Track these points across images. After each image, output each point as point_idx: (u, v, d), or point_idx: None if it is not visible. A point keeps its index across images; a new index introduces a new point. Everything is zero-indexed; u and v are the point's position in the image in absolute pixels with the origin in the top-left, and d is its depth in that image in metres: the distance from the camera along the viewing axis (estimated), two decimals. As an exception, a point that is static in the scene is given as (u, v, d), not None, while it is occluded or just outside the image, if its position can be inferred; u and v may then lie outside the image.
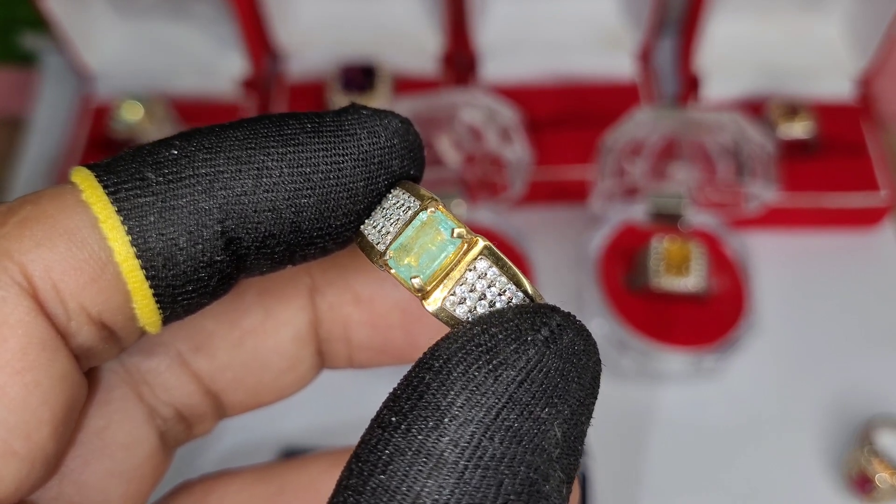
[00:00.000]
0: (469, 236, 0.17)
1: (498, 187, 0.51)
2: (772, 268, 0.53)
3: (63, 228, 0.16)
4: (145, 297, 0.16)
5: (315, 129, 0.17)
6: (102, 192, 0.16)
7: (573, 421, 0.15)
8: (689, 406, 0.49)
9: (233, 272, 0.17)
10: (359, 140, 0.17)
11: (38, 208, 0.16)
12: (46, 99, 0.62)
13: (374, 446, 0.15)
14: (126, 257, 0.16)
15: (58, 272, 0.15)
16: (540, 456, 0.14)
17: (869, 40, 0.54)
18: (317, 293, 0.21)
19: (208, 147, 0.16)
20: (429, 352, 0.15)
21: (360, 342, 0.21)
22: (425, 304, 0.17)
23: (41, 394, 0.15)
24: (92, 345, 0.17)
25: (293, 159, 0.17)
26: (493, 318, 0.16)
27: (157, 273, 0.16)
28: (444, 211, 0.17)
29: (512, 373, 0.15)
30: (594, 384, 0.16)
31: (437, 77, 0.58)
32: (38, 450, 0.16)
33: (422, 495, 0.14)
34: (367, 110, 0.18)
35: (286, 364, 0.21)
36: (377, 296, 0.21)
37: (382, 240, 0.17)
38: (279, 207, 0.17)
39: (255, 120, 0.17)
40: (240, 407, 0.22)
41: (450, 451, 0.14)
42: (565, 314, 0.16)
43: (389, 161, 0.18)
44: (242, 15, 0.54)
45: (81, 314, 0.16)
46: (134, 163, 0.16)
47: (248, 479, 0.22)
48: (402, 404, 0.15)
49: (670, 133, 0.49)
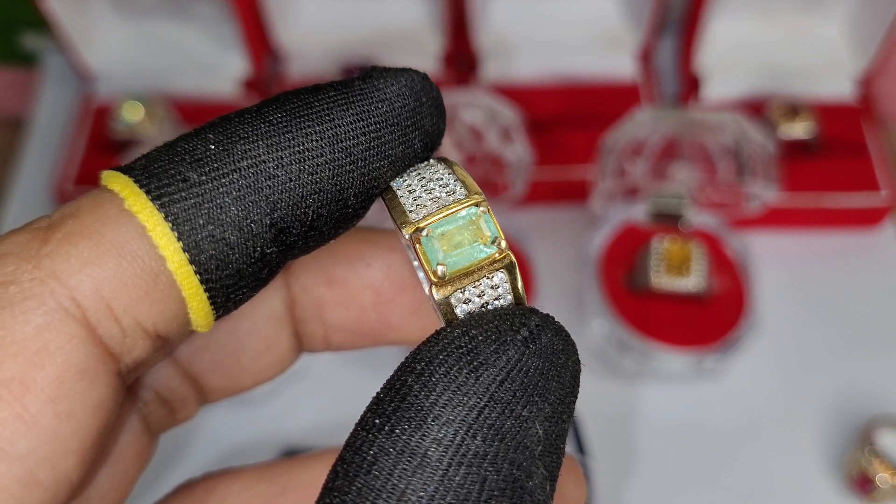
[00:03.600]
0: (504, 250, 0.17)
1: (499, 187, 0.51)
2: (772, 268, 0.53)
3: (110, 243, 0.15)
4: (201, 302, 0.16)
5: (346, 99, 0.17)
6: (146, 199, 0.15)
7: (554, 419, 0.15)
8: (689, 406, 0.49)
9: (282, 260, 0.17)
10: (391, 104, 0.17)
11: (80, 222, 0.15)
12: (47, 99, 0.62)
13: (358, 448, 0.15)
14: (180, 265, 0.15)
15: (109, 290, 0.15)
16: (522, 453, 0.15)
17: (870, 40, 0.54)
18: (290, 275, 0.21)
19: (244, 137, 0.16)
20: (411, 356, 0.15)
21: (334, 323, 0.21)
22: (435, 290, 0.17)
23: (73, 423, 0.15)
24: (147, 357, 0.16)
25: (333, 136, 0.16)
26: (473, 321, 0.16)
27: (212, 276, 0.16)
28: (492, 214, 0.17)
29: (492, 372, 0.15)
30: (574, 383, 0.16)
31: (438, 77, 0.58)
32: (64, 479, 0.15)
33: (406, 493, 0.14)
34: (389, 71, 0.17)
35: (263, 345, 0.21)
36: (350, 276, 0.21)
37: (416, 209, 0.17)
38: (325, 188, 0.16)
39: (283, 100, 0.17)
40: (220, 391, 0.21)
41: (433, 450, 0.14)
42: (543, 315, 0.16)
43: (421, 120, 0.17)
44: (243, 15, 0.54)
45: (137, 329, 0.15)
46: (172, 163, 0.15)
47: (250, 478, 0.22)
48: (385, 406, 0.15)
49: (671, 133, 0.49)
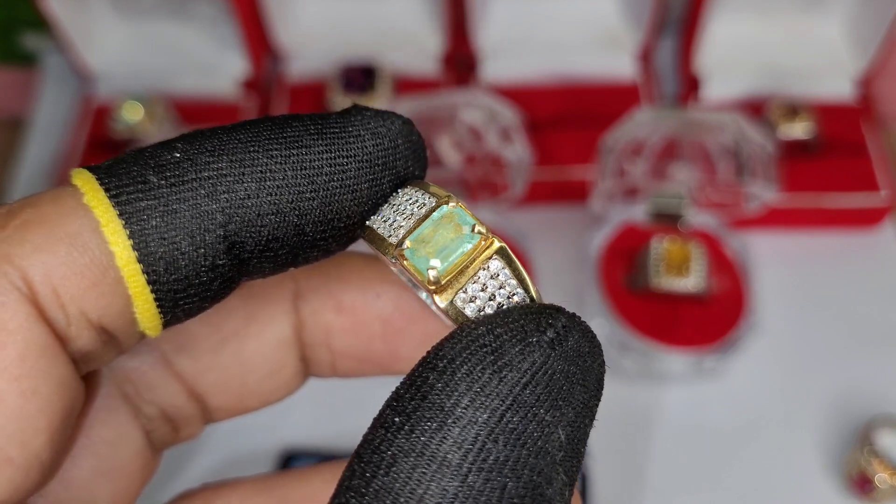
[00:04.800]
0: (488, 235, 0.17)
1: (498, 187, 0.51)
2: (772, 268, 0.53)
3: (64, 232, 0.15)
4: (146, 302, 0.16)
5: (318, 130, 0.17)
6: (104, 196, 0.16)
7: (577, 423, 0.15)
8: (689, 406, 0.49)
9: (235, 276, 0.17)
10: (363, 141, 0.17)
11: (38, 211, 0.16)
12: (47, 99, 0.62)
13: (377, 447, 0.14)
14: (127, 262, 0.16)
15: (58, 277, 0.15)
16: (543, 459, 0.14)
17: (869, 41, 0.54)
18: (300, 299, 0.21)
19: (211, 150, 0.16)
20: (433, 351, 0.15)
21: (341, 350, 0.21)
22: (437, 298, 0.17)
23: (39, 401, 0.15)
24: (92, 349, 0.16)
25: (297, 161, 0.16)
26: (497, 319, 0.15)
27: (159, 278, 0.16)
28: (464, 207, 0.17)
29: (516, 375, 0.14)
30: (598, 386, 0.16)
31: (438, 77, 0.58)
32: (34, 457, 0.15)
33: (425, 498, 0.14)
34: (369, 111, 0.18)
35: (269, 368, 0.21)
36: (359, 305, 0.21)
37: (394, 232, 0.17)
38: (283, 210, 0.16)
39: (258, 122, 0.17)
40: (225, 411, 0.21)
41: (453, 454, 0.14)
42: (570, 315, 0.16)
43: (394, 162, 0.18)
44: (243, 15, 0.54)
45: (81, 319, 0.16)
46: (136, 165, 0.16)
47: (248, 490, 0.22)
48: (405, 404, 0.15)
49: (671, 133, 0.49)
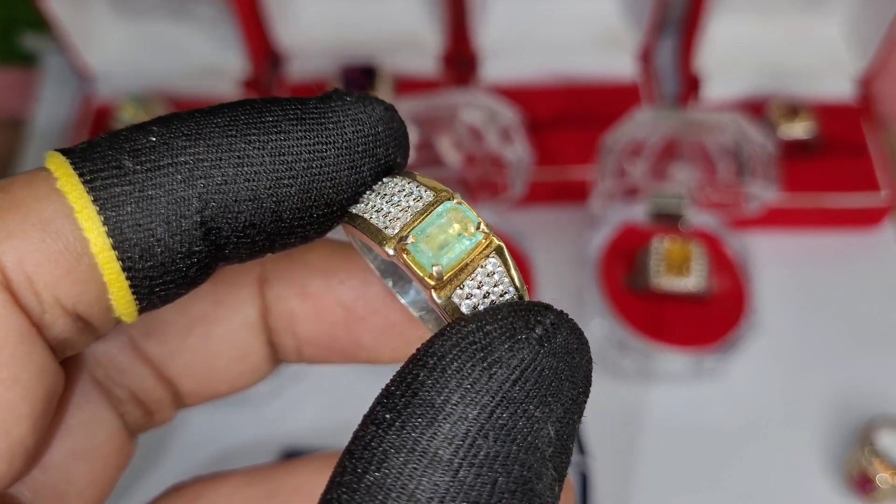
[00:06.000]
0: (491, 233, 0.17)
1: (498, 187, 0.51)
2: (772, 268, 0.53)
3: (36, 218, 0.15)
4: (122, 289, 0.16)
5: (298, 116, 0.17)
6: (78, 181, 0.15)
7: (566, 419, 0.15)
8: (689, 406, 0.49)
9: (211, 261, 0.17)
10: (342, 128, 0.17)
11: (9, 196, 0.15)
12: (47, 99, 0.62)
13: (367, 443, 0.14)
14: (102, 249, 0.15)
15: (31, 264, 0.15)
16: (533, 454, 0.14)
17: (869, 41, 0.54)
18: (265, 284, 0.21)
19: (188, 134, 0.16)
20: (423, 347, 0.15)
21: (305, 336, 0.21)
22: (435, 294, 0.17)
23: (20, 388, 0.15)
24: (67, 336, 0.16)
25: (275, 147, 0.16)
26: (487, 315, 0.15)
27: (134, 265, 0.16)
28: (467, 205, 0.17)
29: (506, 371, 0.15)
30: (586, 382, 0.16)
31: (438, 77, 0.58)
32: (18, 445, 0.15)
33: (416, 493, 0.14)
34: (351, 96, 0.17)
35: (237, 353, 0.21)
36: (322, 291, 0.21)
37: (390, 224, 0.17)
38: (260, 197, 0.16)
39: (237, 105, 0.17)
40: (195, 396, 0.21)
41: (444, 450, 0.14)
42: (559, 312, 0.16)
43: (374, 149, 0.17)
44: (243, 16, 0.54)
45: (56, 306, 0.16)
46: (111, 149, 0.16)
47: (239, 482, 0.22)
48: (395, 401, 0.15)
49: (671, 133, 0.49)
